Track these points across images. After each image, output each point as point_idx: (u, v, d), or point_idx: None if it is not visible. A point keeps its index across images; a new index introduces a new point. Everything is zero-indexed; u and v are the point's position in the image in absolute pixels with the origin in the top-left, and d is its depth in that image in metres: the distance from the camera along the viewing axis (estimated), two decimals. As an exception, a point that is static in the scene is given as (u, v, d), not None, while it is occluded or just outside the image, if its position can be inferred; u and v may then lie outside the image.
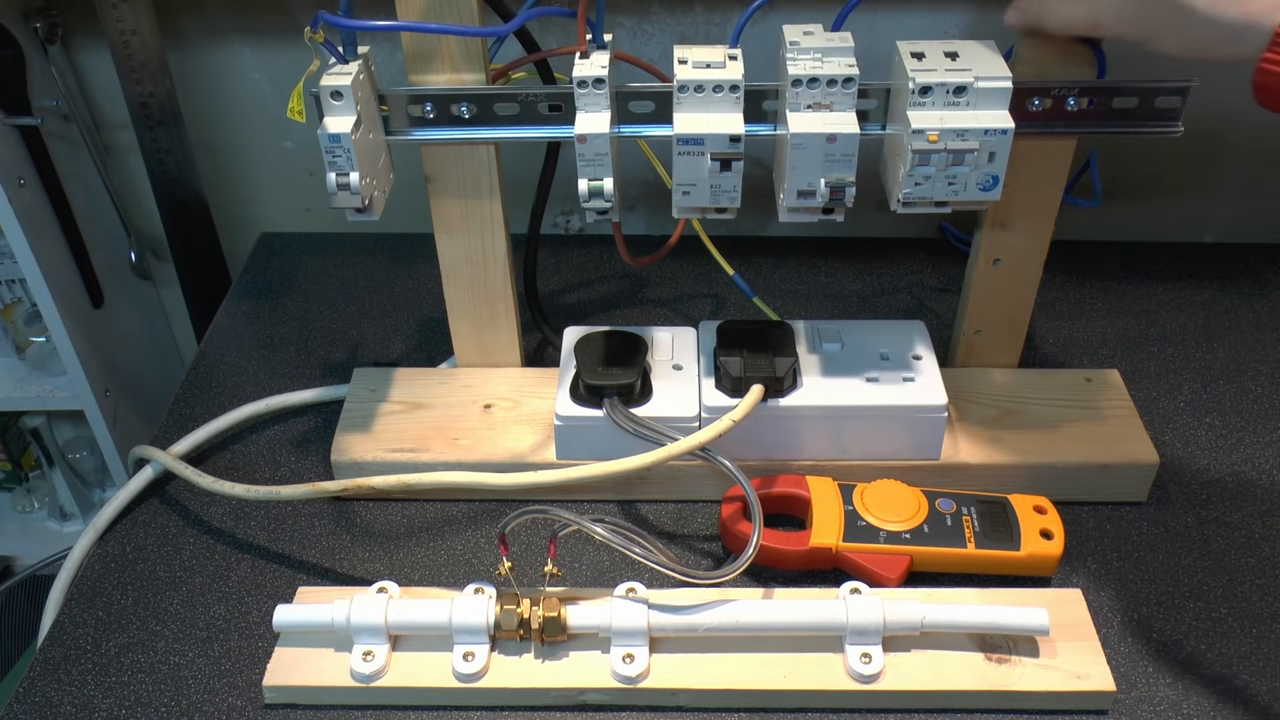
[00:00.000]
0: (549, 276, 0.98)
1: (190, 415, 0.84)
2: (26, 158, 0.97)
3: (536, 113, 0.67)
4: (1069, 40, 0.65)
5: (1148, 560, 0.71)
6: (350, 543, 0.73)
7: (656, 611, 0.63)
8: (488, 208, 0.74)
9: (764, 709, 0.63)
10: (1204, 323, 0.92)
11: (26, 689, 0.65)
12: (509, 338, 0.81)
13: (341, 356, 0.90)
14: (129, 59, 0.94)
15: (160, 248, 1.10)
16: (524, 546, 0.72)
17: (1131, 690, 0.63)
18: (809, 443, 0.73)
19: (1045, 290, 0.80)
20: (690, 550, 0.72)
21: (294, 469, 0.79)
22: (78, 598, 0.70)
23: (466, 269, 0.77)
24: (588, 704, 0.63)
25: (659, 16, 0.93)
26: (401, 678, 0.63)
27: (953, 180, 0.63)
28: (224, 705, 0.63)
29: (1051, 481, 0.73)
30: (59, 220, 1.02)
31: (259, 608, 0.69)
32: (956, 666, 0.62)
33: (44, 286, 0.99)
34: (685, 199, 0.65)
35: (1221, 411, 0.82)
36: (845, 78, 0.63)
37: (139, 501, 0.77)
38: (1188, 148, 0.84)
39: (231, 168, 1.06)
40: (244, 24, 0.96)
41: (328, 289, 0.98)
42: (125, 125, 1.00)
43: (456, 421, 0.77)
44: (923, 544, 0.68)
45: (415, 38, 0.67)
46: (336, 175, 0.64)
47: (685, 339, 0.78)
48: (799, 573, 0.69)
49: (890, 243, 1.01)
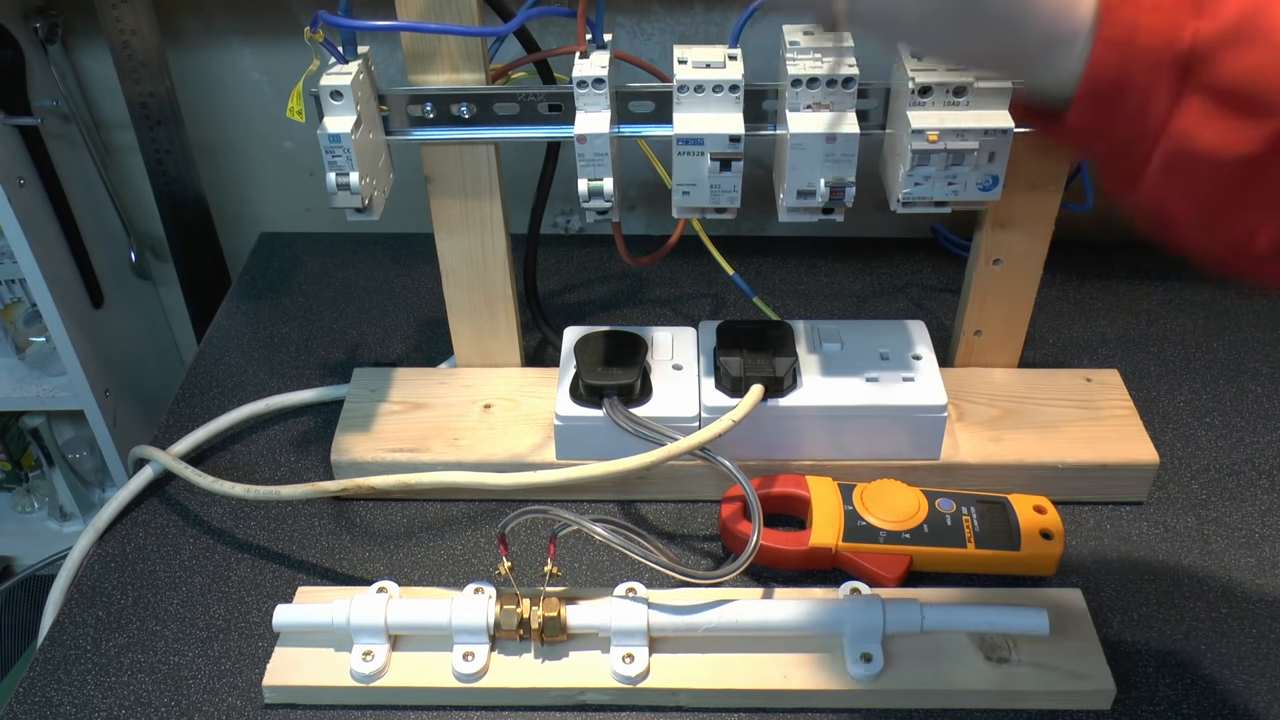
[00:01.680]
0: (549, 276, 0.98)
1: (190, 415, 0.84)
2: (26, 158, 0.97)
3: (536, 113, 0.67)
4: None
5: (1148, 560, 0.71)
6: (350, 543, 0.73)
7: (656, 611, 0.63)
8: (488, 208, 0.74)
9: (764, 709, 0.63)
10: (1204, 323, 0.92)
11: (26, 689, 0.65)
12: (509, 338, 0.81)
13: (341, 356, 0.90)
14: (129, 59, 0.94)
15: (160, 248, 1.10)
16: (524, 546, 0.72)
17: (1131, 690, 0.63)
18: (809, 443, 0.73)
19: (1045, 290, 0.79)
20: (690, 550, 0.72)
21: (294, 469, 0.79)
22: (78, 598, 0.70)
23: (466, 269, 0.77)
24: (588, 704, 0.63)
25: (659, 16, 0.93)
26: (401, 678, 0.63)
27: (953, 180, 0.63)
28: (224, 705, 0.63)
29: (1051, 481, 0.73)
30: (59, 220, 1.02)
31: (259, 608, 0.69)
32: (956, 666, 0.62)
33: (44, 286, 0.99)
34: (685, 199, 0.65)
35: (1221, 411, 0.82)
36: (845, 78, 0.63)
37: (139, 501, 0.77)
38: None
39: (231, 168, 1.06)
40: (244, 24, 0.96)
41: (328, 289, 0.98)
42: (125, 125, 1.00)
43: (456, 421, 0.77)
44: (922, 544, 0.68)
45: (415, 38, 0.67)
46: (336, 175, 0.64)
47: (685, 339, 0.78)
48: (799, 573, 0.69)
49: (890, 243, 1.01)
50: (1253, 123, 0.39)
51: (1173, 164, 0.41)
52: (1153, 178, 0.42)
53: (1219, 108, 0.40)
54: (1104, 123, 0.42)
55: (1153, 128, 0.41)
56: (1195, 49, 0.40)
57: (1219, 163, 0.40)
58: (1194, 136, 0.40)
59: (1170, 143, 0.41)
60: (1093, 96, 0.42)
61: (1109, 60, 0.41)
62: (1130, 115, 0.41)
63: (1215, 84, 0.40)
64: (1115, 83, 0.41)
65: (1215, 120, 0.40)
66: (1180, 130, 0.40)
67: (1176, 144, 0.41)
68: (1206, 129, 0.40)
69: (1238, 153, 0.40)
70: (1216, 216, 0.42)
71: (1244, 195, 0.41)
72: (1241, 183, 0.41)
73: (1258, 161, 0.40)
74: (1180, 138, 0.40)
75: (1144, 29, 0.40)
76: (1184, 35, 0.40)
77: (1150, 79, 0.40)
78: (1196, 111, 0.40)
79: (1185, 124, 0.40)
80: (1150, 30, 0.40)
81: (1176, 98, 0.40)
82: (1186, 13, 0.40)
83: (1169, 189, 0.42)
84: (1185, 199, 0.42)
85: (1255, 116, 0.39)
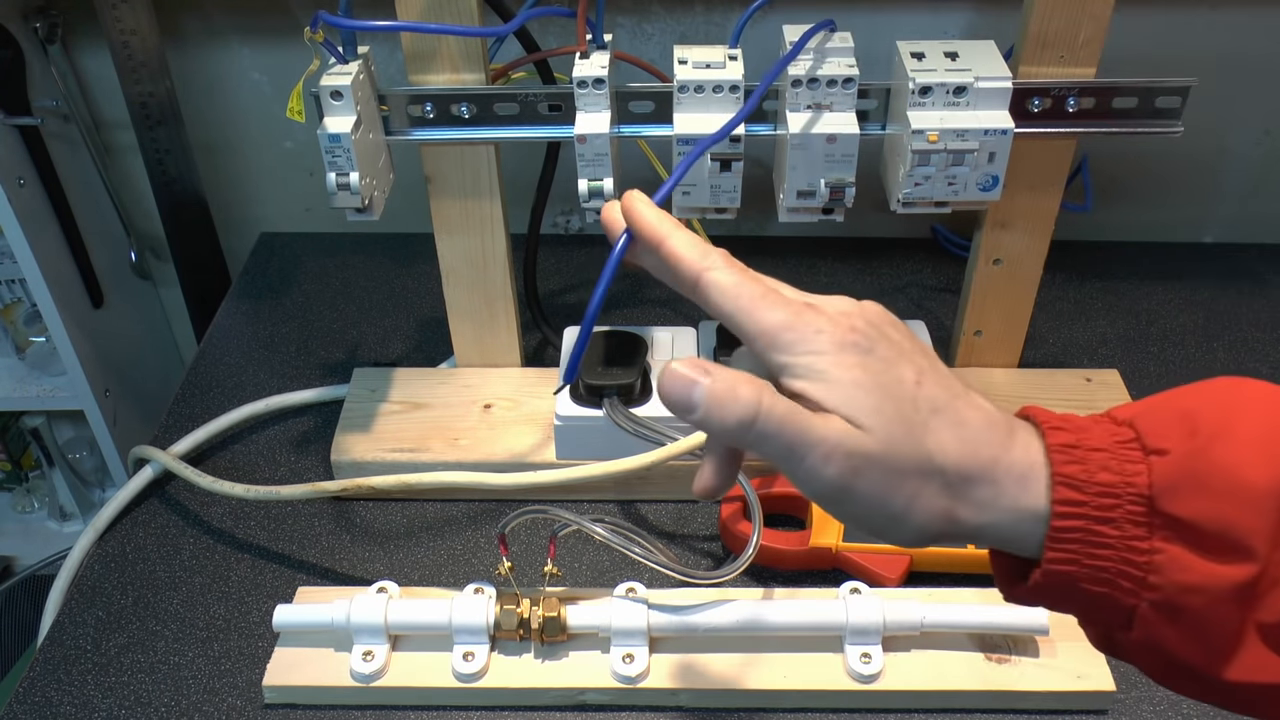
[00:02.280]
0: (549, 276, 0.98)
1: (190, 415, 0.84)
2: (26, 158, 0.97)
3: (536, 113, 0.67)
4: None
5: (1148, 560, 0.71)
6: (350, 543, 0.73)
7: (656, 611, 0.63)
8: (488, 208, 0.74)
9: (764, 709, 0.63)
10: (1204, 323, 0.92)
11: (26, 689, 0.65)
12: (509, 338, 0.81)
13: (341, 356, 0.90)
14: (129, 59, 0.94)
15: (160, 248, 1.10)
16: (524, 546, 0.72)
17: (1131, 690, 0.63)
18: (809, 443, 0.73)
19: (1045, 290, 0.79)
20: (690, 550, 0.72)
21: (294, 469, 0.79)
22: (78, 598, 0.70)
23: (466, 269, 0.77)
24: (588, 704, 0.63)
25: (659, 16, 0.93)
26: (401, 678, 0.63)
27: (953, 180, 0.63)
28: (224, 705, 0.63)
29: (1051, 481, 0.73)
30: (59, 220, 1.02)
31: (259, 608, 0.69)
32: (956, 666, 0.62)
33: (44, 286, 0.99)
34: (685, 199, 0.65)
35: (1221, 411, 0.82)
36: (845, 78, 0.63)
37: (139, 501, 0.77)
38: (1188, 148, 0.84)
39: (231, 168, 1.05)
40: (244, 24, 0.96)
41: (328, 289, 0.98)
42: (125, 125, 1.00)
43: (456, 421, 0.77)
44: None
45: (415, 38, 0.67)
46: (336, 175, 0.64)
47: (685, 339, 0.78)
48: (799, 573, 0.69)
49: (890, 243, 1.01)
50: (1231, 562, 0.37)
51: (1167, 603, 0.38)
52: (1147, 617, 0.38)
53: (1192, 547, 0.37)
54: (1076, 573, 0.38)
55: (1135, 565, 0.37)
56: (1153, 488, 0.37)
57: (1210, 594, 0.37)
58: (1179, 570, 0.37)
59: (1158, 579, 0.37)
60: (1065, 537, 0.38)
61: (1070, 505, 0.38)
62: (1107, 551, 0.38)
63: (1181, 523, 0.37)
64: (1084, 527, 0.38)
65: (1193, 557, 0.37)
66: (1162, 564, 0.37)
67: (1164, 580, 0.37)
68: (1190, 563, 0.37)
69: (1230, 582, 0.37)
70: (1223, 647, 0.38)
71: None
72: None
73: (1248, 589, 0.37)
74: (1164, 572, 0.37)
75: (1096, 483, 0.38)
76: (1140, 478, 0.37)
77: (1117, 523, 0.37)
78: (1175, 549, 0.37)
79: (1166, 559, 0.37)
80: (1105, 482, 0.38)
81: (1150, 535, 0.37)
82: (1135, 453, 0.38)
83: (1164, 629, 0.38)
84: (1185, 638, 0.38)
85: (1229, 556, 0.37)
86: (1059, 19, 0.65)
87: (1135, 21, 0.82)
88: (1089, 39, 0.66)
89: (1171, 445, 0.37)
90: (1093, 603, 0.38)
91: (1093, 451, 0.38)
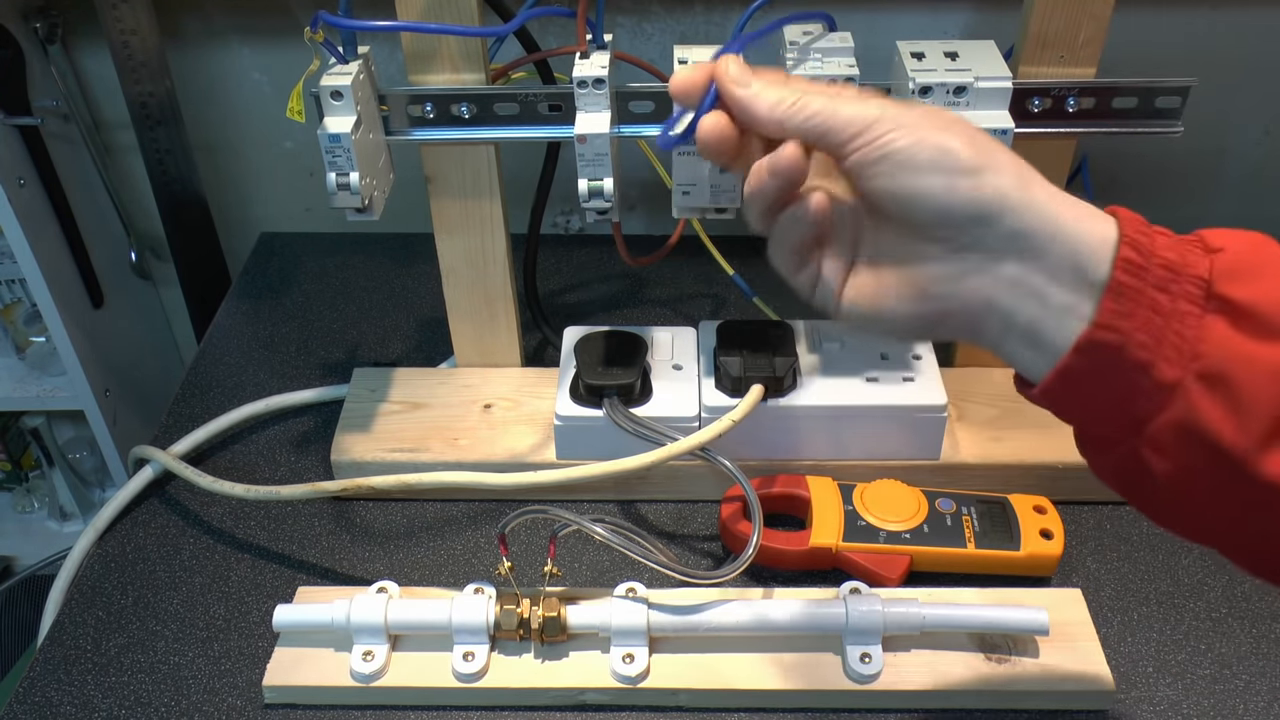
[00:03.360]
0: (549, 276, 0.98)
1: (190, 415, 0.84)
2: (26, 158, 0.97)
3: (536, 113, 0.67)
4: None
5: (1148, 560, 0.71)
6: (350, 543, 0.73)
7: (656, 611, 0.63)
8: (488, 208, 0.74)
9: (764, 709, 0.63)
10: (1204, 323, 0.92)
11: (26, 689, 0.65)
12: (509, 338, 0.81)
13: (341, 356, 0.90)
14: (129, 59, 0.94)
15: (160, 248, 1.10)
16: (524, 546, 0.72)
17: (1131, 690, 0.63)
18: (809, 443, 0.73)
19: (1045, 290, 0.79)
20: (690, 550, 0.72)
21: (294, 469, 0.79)
22: (78, 598, 0.70)
23: (466, 269, 0.77)
24: (588, 704, 0.63)
25: (659, 16, 0.93)
26: (401, 678, 0.63)
27: (953, 180, 0.63)
28: (224, 705, 0.63)
29: (1051, 481, 0.73)
30: (59, 220, 1.02)
31: (259, 608, 0.69)
32: (956, 666, 0.62)
33: (44, 286, 0.99)
34: (685, 199, 0.65)
35: (1221, 411, 0.82)
36: (845, 78, 0.63)
37: (139, 501, 0.77)
38: (1188, 148, 0.84)
39: (231, 168, 1.06)
40: (244, 24, 0.96)
41: (328, 289, 0.98)
42: (125, 125, 1.00)
43: (456, 421, 0.77)
44: (923, 544, 0.68)
45: (415, 38, 0.67)
46: (336, 175, 0.64)
47: (685, 339, 0.78)
48: (799, 573, 0.69)
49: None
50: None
51: (1213, 372, 0.39)
52: (1190, 390, 0.39)
53: (1244, 329, 0.39)
54: (1127, 330, 0.40)
55: (1184, 336, 0.39)
56: (1213, 273, 0.40)
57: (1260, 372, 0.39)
58: (1228, 343, 0.39)
59: (1207, 348, 0.39)
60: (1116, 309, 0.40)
61: (1128, 280, 0.40)
62: (1153, 326, 0.40)
63: (1235, 305, 0.39)
64: (1141, 289, 0.40)
65: (1244, 338, 0.39)
66: (1212, 337, 0.39)
67: (1214, 350, 0.39)
68: (1240, 342, 0.39)
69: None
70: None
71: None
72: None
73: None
74: (1214, 342, 0.39)
75: (1159, 256, 0.41)
76: (1200, 265, 0.40)
77: (1172, 296, 0.40)
78: (1226, 329, 0.39)
79: (1217, 334, 0.39)
80: (1165, 259, 0.41)
81: (1203, 313, 0.39)
82: (1197, 249, 0.41)
83: (1206, 401, 0.39)
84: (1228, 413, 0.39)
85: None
86: (1059, 19, 0.65)
87: (1135, 21, 0.82)
88: (1089, 39, 0.66)
89: (1230, 245, 0.41)
90: (1128, 381, 0.40)
91: (1160, 235, 0.42)
